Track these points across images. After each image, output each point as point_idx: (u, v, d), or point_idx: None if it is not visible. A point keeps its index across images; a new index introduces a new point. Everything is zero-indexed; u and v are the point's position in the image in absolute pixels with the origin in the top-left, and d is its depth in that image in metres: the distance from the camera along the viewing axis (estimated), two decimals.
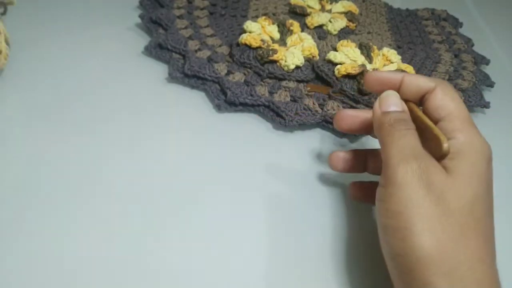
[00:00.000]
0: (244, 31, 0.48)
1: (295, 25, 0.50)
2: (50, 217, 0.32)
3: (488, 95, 0.52)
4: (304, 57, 0.47)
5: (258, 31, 0.48)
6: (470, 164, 0.27)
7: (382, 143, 0.29)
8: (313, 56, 0.48)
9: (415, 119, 0.30)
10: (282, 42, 0.48)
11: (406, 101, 0.32)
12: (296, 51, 0.46)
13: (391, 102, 0.30)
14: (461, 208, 0.25)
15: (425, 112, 0.31)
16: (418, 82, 0.31)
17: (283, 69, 0.45)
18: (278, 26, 0.49)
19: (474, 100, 0.49)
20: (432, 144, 0.28)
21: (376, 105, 0.31)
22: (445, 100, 0.30)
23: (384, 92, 0.31)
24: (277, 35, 0.49)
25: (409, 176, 0.25)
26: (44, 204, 0.32)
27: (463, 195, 0.25)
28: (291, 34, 0.50)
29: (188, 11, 0.54)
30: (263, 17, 0.50)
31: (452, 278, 0.23)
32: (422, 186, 0.25)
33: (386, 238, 0.26)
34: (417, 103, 0.32)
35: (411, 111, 0.31)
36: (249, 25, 0.48)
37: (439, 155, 0.27)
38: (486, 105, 0.50)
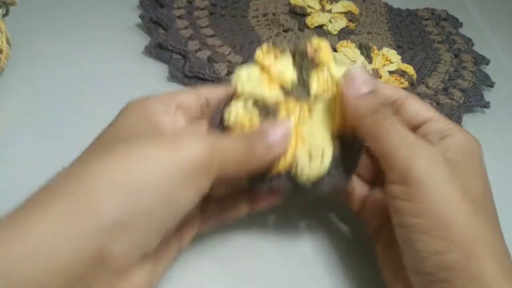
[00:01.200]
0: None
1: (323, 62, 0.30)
2: None
3: (488, 95, 0.52)
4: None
5: (255, 91, 0.29)
6: (472, 159, 0.27)
7: (370, 135, 0.26)
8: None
9: None
10: (302, 90, 0.29)
11: None
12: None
13: (362, 81, 0.26)
14: (481, 200, 0.25)
15: (403, 118, 0.29)
16: (390, 93, 0.30)
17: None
18: (294, 56, 0.29)
19: (474, 100, 0.49)
20: None
21: (345, 87, 0.26)
22: (421, 105, 0.30)
23: (348, 70, 0.27)
24: (291, 75, 0.29)
25: (430, 171, 0.24)
26: None
27: (479, 188, 0.26)
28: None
29: (188, 11, 0.54)
30: (265, 48, 0.29)
31: (498, 268, 0.23)
32: (445, 181, 0.24)
33: (420, 237, 0.24)
34: None
35: None
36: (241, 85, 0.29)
37: None
38: (486, 105, 0.50)
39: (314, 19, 0.54)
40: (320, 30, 0.55)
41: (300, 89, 0.29)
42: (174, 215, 0.23)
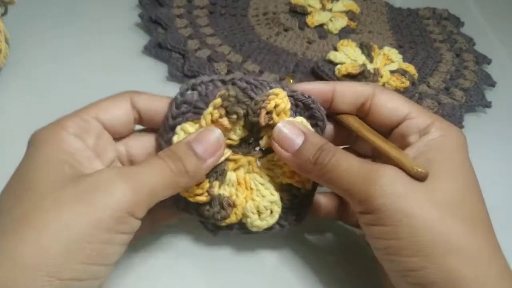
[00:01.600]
0: None
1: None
2: None
3: (489, 95, 0.52)
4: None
5: None
6: (449, 158, 0.26)
7: (325, 183, 0.27)
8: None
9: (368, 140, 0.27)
10: (251, 145, 0.30)
11: (344, 115, 0.29)
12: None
13: (292, 134, 0.27)
14: (460, 200, 0.24)
15: (377, 120, 0.29)
16: (354, 89, 0.29)
17: None
18: (246, 116, 0.28)
19: (475, 99, 0.49)
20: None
21: (278, 149, 0.27)
22: (394, 100, 0.29)
23: (274, 129, 0.27)
24: (239, 136, 0.29)
25: (387, 191, 0.24)
26: None
27: (451, 189, 0.25)
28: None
29: (188, 10, 0.54)
30: (215, 113, 0.27)
31: (482, 275, 0.23)
32: (404, 195, 0.24)
33: (392, 258, 0.24)
34: (356, 114, 0.30)
35: (358, 132, 0.28)
36: None
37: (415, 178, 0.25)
38: (488, 105, 0.49)
39: (315, 18, 0.54)
40: (321, 29, 0.54)
41: (248, 144, 0.30)
42: (111, 257, 0.23)
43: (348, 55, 0.48)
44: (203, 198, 0.27)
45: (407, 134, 0.28)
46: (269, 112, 0.27)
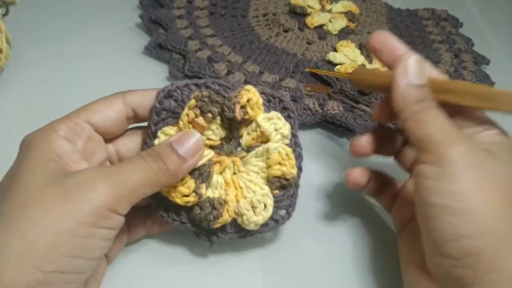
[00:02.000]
0: None
1: None
2: None
3: None
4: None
5: None
6: (509, 152, 0.26)
7: (413, 120, 0.27)
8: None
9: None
10: (233, 144, 0.31)
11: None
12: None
13: (416, 73, 0.28)
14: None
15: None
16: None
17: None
18: (222, 114, 0.30)
19: None
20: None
21: (399, 75, 0.28)
22: None
23: (406, 59, 0.28)
24: (219, 136, 0.30)
25: (468, 157, 0.24)
26: None
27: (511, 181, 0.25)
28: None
29: (188, 11, 0.54)
30: (191, 114, 0.28)
31: None
32: (482, 168, 0.24)
33: (448, 218, 0.24)
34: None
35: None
36: None
37: None
38: None
39: (314, 19, 0.54)
40: (320, 30, 0.54)
41: (230, 144, 0.30)
42: (94, 251, 0.24)
43: (347, 56, 0.48)
44: (191, 199, 0.28)
45: (465, 128, 0.28)
46: (243, 107, 0.28)
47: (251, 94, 0.29)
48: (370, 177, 0.33)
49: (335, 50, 0.51)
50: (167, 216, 0.29)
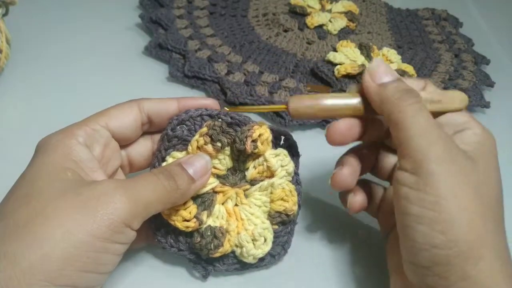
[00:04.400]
0: None
1: None
2: None
3: (488, 95, 0.52)
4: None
5: None
6: (490, 154, 0.26)
7: (393, 121, 0.26)
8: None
9: None
10: (238, 176, 0.31)
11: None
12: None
13: (383, 71, 0.27)
14: (492, 202, 0.25)
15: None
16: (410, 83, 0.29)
17: None
18: (232, 145, 0.30)
19: (474, 100, 0.49)
20: None
21: (367, 78, 0.27)
22: None
23: (372, 62, 0.28)
24: (226, 166, 0.31)
25: (445, 164, 0.24)
26: None
27: (492, 189, 0.25)
28: None
29: (188, 11, 0.54)
30: (201, 141, 0.29)
31: (493, 272, 0.23)
32: (460, 176, 0.24)
33: (420, 228, 0.24)
34: None
35: None
36: None
37: None
38: (486, 105, 0.50)
39: (314, 19, 0.54)
40: (320, 30, 0.54)
41: (235, 176, 0.31)
42: (106, 266, 0.24)
43: (347, 56, 0.48)
44: (191, 224, 0.28)
45: (445, 125, 0.28)
46: (254, 141, 0.29)
47: (262, 130, 0.29)
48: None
49: (335, 50, 0.51)
50: (165, 241, 0.29)
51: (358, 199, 0.31)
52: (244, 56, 0.49)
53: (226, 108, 0.30)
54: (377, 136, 0.30)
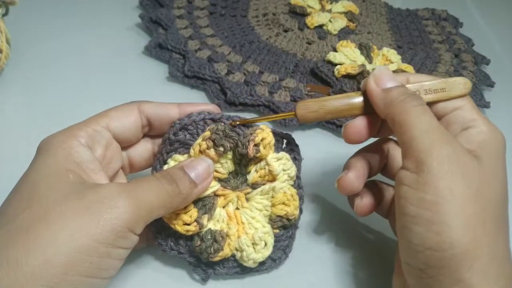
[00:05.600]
0: None
1: None
2: None
3: (488, 95, 0.52)
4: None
5: None
6: (496, 153, 0.26)
7: (397, 123, 0.26)
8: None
9: None
10: (240, 179, 0.31)
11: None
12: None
13: (388, 77, 0.28)
14: (494, 202, 0.24)
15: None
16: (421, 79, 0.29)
17: None
18: (234, 149, 0.30)
19: (474, 100, 0.49)
20: None
21: (372, 83, 0.28)
22: None
23: (376, 68, 0.29)
24: (228, 170, 0.30)
25: (446, 164, 0.24)
26: None
27: (495, 189, 0.25)
28: None
29: (188, 11, 0.54)
30: (203, 145, 0.29)
31: (486, 275, 0.23)
32: (460, 176, 0.24)
33: (416, 229, 0.24)
34: None
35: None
36: None
37: None
38: (486, 105, 0.50)
39: (314, 19, 0.54)
40: (320, 30, 0.54)
41: (237, 179, 0.31)
42: (108, 271, 0.24)
43: (347, 56, 0.48)
44: (192, 228, 0.28)
45: (452, 123, 0.28)
46: (256, 145, 0.29)
47: (265, 134, 0.29)
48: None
49: (335, 50, 0.51)
50: (165, 244, 0.29)
51: (365, 202, 0.31)
52: (244, 56, 0.49)
53: (236, 121, 0.30)
54: (392, 131, 0.30)
